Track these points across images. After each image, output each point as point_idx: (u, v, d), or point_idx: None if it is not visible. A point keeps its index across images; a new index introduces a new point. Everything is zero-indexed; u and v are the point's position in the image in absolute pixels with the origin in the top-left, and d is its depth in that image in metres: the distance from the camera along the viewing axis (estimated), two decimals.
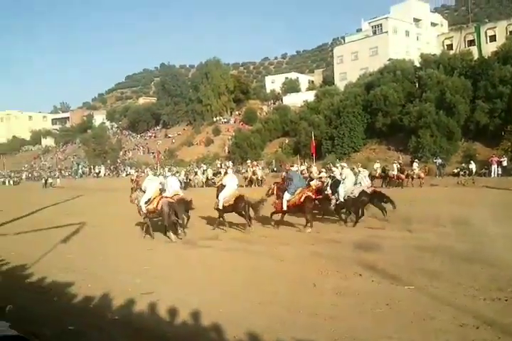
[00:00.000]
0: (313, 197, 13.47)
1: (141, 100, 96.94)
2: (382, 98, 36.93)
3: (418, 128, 34.10)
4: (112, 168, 57.91)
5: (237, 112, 63.83)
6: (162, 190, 13.88)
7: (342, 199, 13.78)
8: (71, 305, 7.14)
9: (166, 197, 13.16)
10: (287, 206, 13.38)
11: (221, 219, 14.02)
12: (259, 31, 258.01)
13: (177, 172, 35.58)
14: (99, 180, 51.15)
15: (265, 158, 44.45)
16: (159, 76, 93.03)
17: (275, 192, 14.04)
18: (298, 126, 43.80)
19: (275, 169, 38.53)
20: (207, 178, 38.00)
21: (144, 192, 13.31)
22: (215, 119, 62.65)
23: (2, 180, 62.03)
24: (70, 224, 15.68)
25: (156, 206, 12.83)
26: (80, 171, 60.75)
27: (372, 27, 57.48)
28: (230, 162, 46.37)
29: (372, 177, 29.68)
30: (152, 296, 7.25)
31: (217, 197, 13.92)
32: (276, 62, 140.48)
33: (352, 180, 14.19)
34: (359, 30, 65.40)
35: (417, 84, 38.57)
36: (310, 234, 12.41)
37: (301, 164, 34.99)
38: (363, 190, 13.81)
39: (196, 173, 39.62)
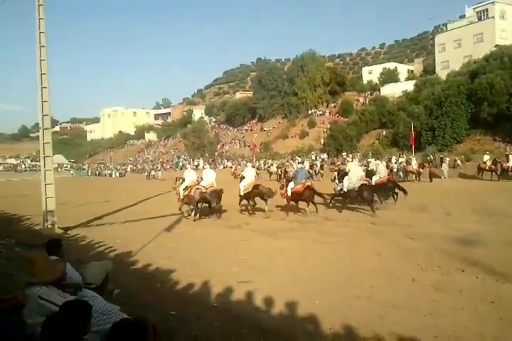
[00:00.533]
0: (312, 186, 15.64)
1: (238, 95, 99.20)
2: (487, 86, 35.35)
3: None
4: (209, 160, 59.55)
5: (332, 104, 63.71)
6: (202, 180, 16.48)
7: (345, 190, 15.78)
8: (173, 291, 7.52)
9: (199, 187, 15.82)
10: (291, 193, 15.59)
11: (242, 204, 17.03)
12: (356, 21, 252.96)
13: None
14: (197, 172, 52.70)
15: (361, 150, 43.72)
16: (255, 70, 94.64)
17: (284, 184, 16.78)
18: (396, 117, 42.90)
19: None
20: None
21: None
22: (310, 112, 63.03)
23: (109, 172, 66.13)
24: (172, 214, 16.32)
25: (189, 193, 15.72)
26: (180, 164, 63.07)
27: (477, 13, 55.09)
28: (325, 154, 46.05)
29: (479, 169, 28.20)
30: (249, 285, 7.45)
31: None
32: (374, 52, 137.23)
33: (357, 173, 15.77)
34: (462, 17, 62.21)
35: None
36: (404, 228, 11.96)
37: (400, 156, 34.01)
38: (363, 184, 15.40)
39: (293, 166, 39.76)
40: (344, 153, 43.61)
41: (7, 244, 10.75)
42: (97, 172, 70.21)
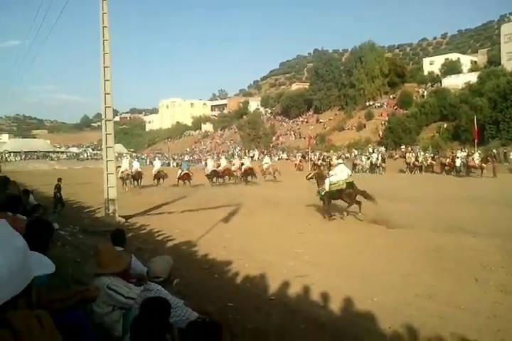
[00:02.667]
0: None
1: (294, 86, 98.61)
2: None
3: None
4: (264, 152, 59.60)
5: (391, 96, 62.21)
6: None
7: (327, 189, 14.44)
8: (230, 282, 7.60)
9: None
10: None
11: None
12: (417, 10, 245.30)
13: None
14: (252, 163, 52.92)
15: (421, 143, 42.54)
16: (312, 62, 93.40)
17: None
18: (458, 110, 41.58)
19: (433, 155, 36.43)
20: (371, 163, 37.27)
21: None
22: (367, 104, 61.94)
23: (167, 162, 67.25)
24: (228, 205, 16.46)
25: None
26: (236, 155, 63.48)
27: None
28: (383, 147, 45.13)
29: None
30: (306, 280, 7.43)
31: None
32: (435, 42, 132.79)
33: (341, 175, 14.73)
34: None
35: None
36: (468, 226, 11.50)
37: (461, 150, 32.87)
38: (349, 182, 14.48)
39: (361, 158, 39.53)
40: (403, 146, 42.84)
41: (71, 231, 11.19)
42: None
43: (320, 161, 40.92)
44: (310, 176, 16.22)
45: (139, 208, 16.23)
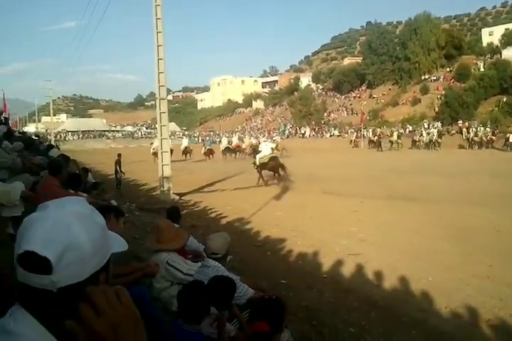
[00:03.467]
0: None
1: (346, 60, 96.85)
2: None
3: None
4: (316, 128, 59.06)
5: (447, 69, 59.99)
6: None
7: (258, 163, 18.18)
8: (283, 260, 7.65)
9: None
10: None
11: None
12: None
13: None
14: (304, 141, 52.80)
15: (479, 118, 40.90)
16: (365, 35, 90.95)
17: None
18: None
19: (492, 130, 35.07)
20: (430, 140, 36.62)
21: None
22: (423, 77, 60.10)
23: (218, 139, 67.86)
24: (278, 183, 16.49)
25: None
26: (287, 132, 63.27)
27: None
28: (439, 122, 43.76)
29: None
30: (359, 258, 7.40)
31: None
32: (495, 11, 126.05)
33: (266, 151, 18.50)
34: None
35: None
36: None
37: None
38: (272, 156, 18.22)
39: (422, 134, 38.78)
40: (460, 121, 41.35)
41: (128, 208, 11.52)
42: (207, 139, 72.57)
43: (376, 137, 39.98)
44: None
45: (192, 186, 16.52)
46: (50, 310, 1.01)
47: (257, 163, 18.21)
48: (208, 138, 57.97)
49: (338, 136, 53.31)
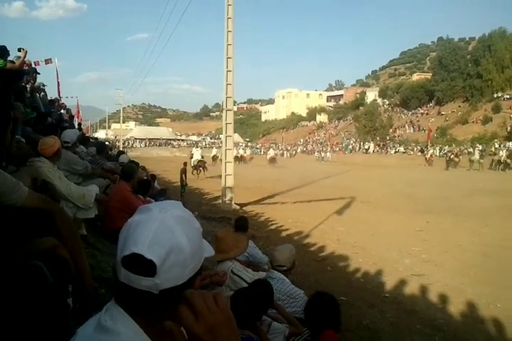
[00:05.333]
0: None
1: (415, 76, 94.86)
2: None
3: None
4: (380, 144, 58.10)
5: None
6: None
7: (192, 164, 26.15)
8: (343, 276, 7.53)
9: None
10: None
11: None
12: None
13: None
14: (367, 156, 52.13)
15: None
16: (435, 51, 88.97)
17: None
18: None
19: None
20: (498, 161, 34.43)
21: None
22: (495, 95, 57.92)
23: (281, 152, 68.06)
24: (341, 198, 16.30)
25: None
26: (350, 147, 62.62)
27: None
28: (511, 143, 41.94)
29: None
30: (423, 279, 7.21)
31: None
32: None
33: (196, 156, 26.97)
34: None
35: None
36: None
37: None
38: (200, 160, 26.56)
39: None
40: None
41: None
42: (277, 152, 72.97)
43: (453, 156, 37.61)
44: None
45: (253, 197, 16.62)
46: (148, 311, 1.05)
47: (192, 164, 25.83)
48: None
49: (404, 152, 52.16)
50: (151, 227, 1.03)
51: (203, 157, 27.56)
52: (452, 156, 37.25)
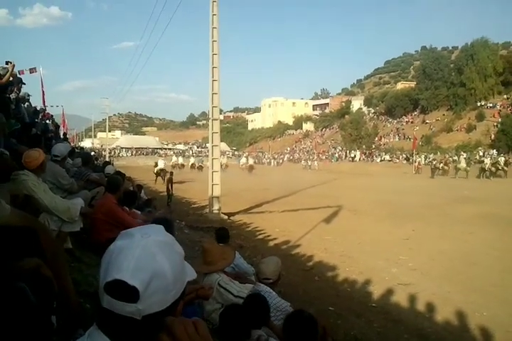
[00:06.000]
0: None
1: (400, 85, 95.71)
2: None
3: None
4: (366, 153, 58.46)
5: (505, 96, 58.17)
6: None
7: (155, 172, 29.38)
8: (331, 286, 7.53)
9: None
10: None
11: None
12: None
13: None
14: (354, 165, 52.40)
15: None
16: (419, 59, 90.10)
17: None
18: None
19: None
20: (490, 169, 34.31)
21: None
22: (478, 104, 58.86)
23: (268, 161, 68.20)
24: (328, 207, 16.31)
25: None
26: (336, 155, 62.93)
27: None
28: (495, 150, 42.41)
29: None
30: (409, 288, 7.25)
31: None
32: None
33: (161, 165, 29.57)
34: None
35: None
36: None
37: None
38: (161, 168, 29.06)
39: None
40: None
41: (178, 226, 11.66)
42: (256, 160, 73.04)
43: (441, 164, 37.83)
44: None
45: (241, 206, 16.58)
46: (129, 336, 1.04)
47: (155, 172, 28.90)
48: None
49: (389, 160, 52.51)
50: (134, 254, 1.02)
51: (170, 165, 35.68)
52: (441, 165, 37.31)
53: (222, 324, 2.76)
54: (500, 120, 48.54)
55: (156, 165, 30.27)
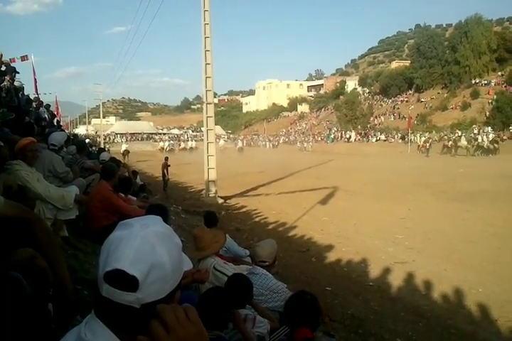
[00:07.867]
0: None
1: (394, 64, 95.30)
2: None
3: None
4: (362, 133, 58.31)
5: (499, 73, 57.87)
6: None
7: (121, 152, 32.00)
8: (328, 266, 7.61)
9: None
10: None
11: None
12: None
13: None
14: (349, 145, 52.35)
15: None
16: (414, 38, 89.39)
17: None
18: None
19: None
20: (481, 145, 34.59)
21: None
22: (473, 81, 58.58)
23: (263, 143, 68.06)
24: (324, 188, 16.36)
25: None
26: (332, 136, 62.77)
27: None
28: (489, 128, 42.32)
29: None
30: (406, 266, 7.31)
31: None
32: None
33: (124, 147, 36.03)
34: None
35: None
36: None
37: None
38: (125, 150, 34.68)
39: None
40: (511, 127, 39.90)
41: (175, 210, 11.70)
42: (251, 143, 72.87)
43: (450, 142, 36.82)
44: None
45: (237, 189, 16.63)
46: (127, 325, 1.07)
47: (121, 152, 32.76)
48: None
49: (385, 140, 52.41)
50: (133, 244, 1.04)
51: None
52: (450, 143, 37.07)
53: (200, 308, 2.77)
54: (494, 97, 48.35)
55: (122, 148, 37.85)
